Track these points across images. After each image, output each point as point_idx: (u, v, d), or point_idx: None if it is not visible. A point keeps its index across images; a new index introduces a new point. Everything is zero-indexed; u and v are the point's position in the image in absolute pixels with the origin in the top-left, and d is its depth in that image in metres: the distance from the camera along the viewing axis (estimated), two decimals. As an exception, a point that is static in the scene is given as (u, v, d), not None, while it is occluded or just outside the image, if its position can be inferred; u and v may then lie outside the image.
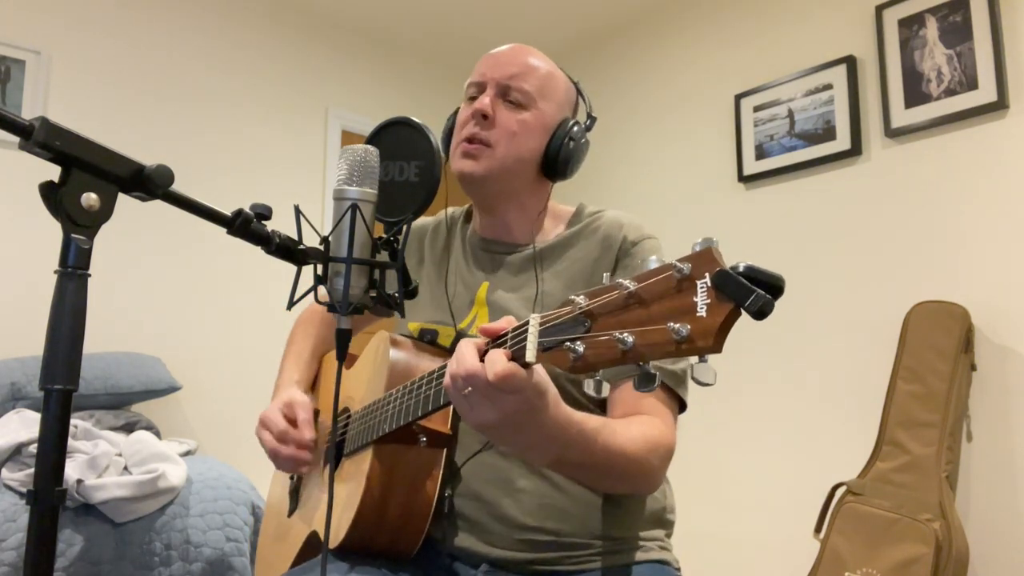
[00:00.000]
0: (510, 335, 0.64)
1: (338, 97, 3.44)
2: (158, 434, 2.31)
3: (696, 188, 3.01)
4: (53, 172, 0.63)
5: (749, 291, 0.45)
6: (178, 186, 0.67)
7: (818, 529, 2.15)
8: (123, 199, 0.65)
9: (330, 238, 0.74)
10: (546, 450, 0.73)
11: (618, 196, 3.30)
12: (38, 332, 0.69)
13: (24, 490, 1.69)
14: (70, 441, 1.63)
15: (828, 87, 2.57)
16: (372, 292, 0.75)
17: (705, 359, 0.50)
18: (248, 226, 0.71)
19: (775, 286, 0.46)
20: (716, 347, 0.48)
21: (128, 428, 2.27)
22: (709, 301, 0.48)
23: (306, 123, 3.32)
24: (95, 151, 0.62)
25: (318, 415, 1.16)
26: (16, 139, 0.59)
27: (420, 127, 0.84)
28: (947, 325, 2.11)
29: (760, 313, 0.45)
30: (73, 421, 1.85)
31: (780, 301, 0.46)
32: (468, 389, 0.64)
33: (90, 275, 0.62)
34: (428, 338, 1.02)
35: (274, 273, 2.86)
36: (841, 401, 2.42)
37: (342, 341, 0.74)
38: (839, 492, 2.15)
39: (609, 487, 0.92)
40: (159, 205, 0.70)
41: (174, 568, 1.76)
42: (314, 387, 1.23)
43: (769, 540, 2.54)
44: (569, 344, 0.57)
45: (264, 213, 0.73)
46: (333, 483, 0.71)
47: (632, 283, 0.53)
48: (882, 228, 2.39)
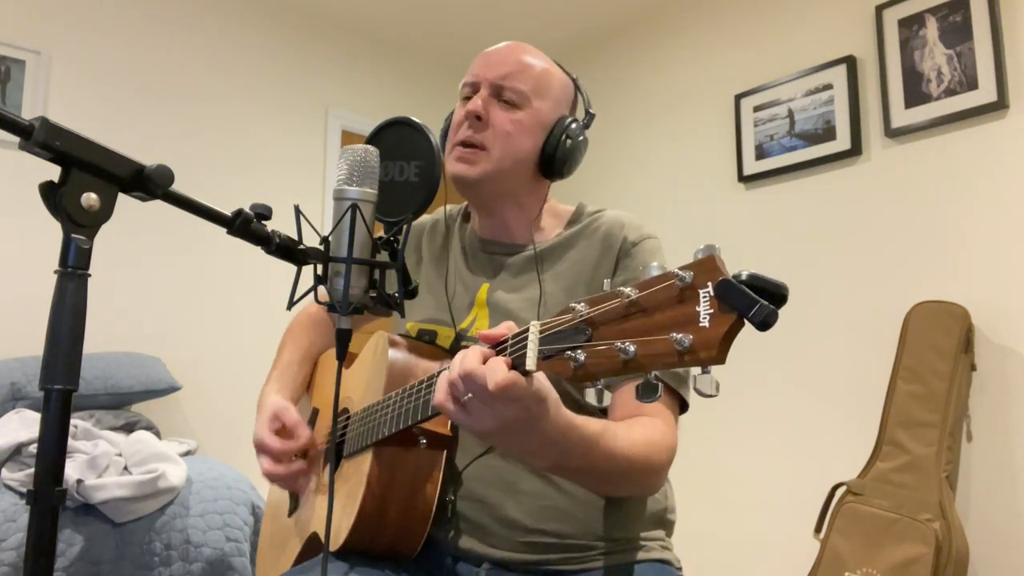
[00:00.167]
0: (510, 342, 0.63)
1: (338, 97, 3.44)
2: (158, 434, 2.31)
3: (696, 188, 3.01)
4: (53, 172, 0.63)
5: (752, 302, 0.45)
6: (178, 186, 0.67)
7: (818, 529, 2.15)
8: (123, 199, 0.65)
9: (330, 238, 0.74)
10: (546, 455, 0.73)
11: (618, 196, 3.30)
12: (38, 332, 0.69)
13: (24, 490, 1.69)
14: (70, 441, 1.63)
15: (828, 87, 2.57)
16: (372, 292, 0.75)
17: (708, 370, 0.49)
18: (248, 226, 0.71)
19: (778, 295, 0.46)
20: (720, 358, 0.47)
21: (128, 428, 2.27)
22: (712, 311, 0.47)
23: (306, 123, 3.32)
24: (95, 151, 0.62)
25: (317, 415, 1.16)
26: (16, 139, 0.59)
27: (420, 127, 0.84)
28: (947, 325, 2.11)
29: (764, 324, 0.44)
30: (73, 421, 1.85)
31: (780, 310, 0.46)
32: (468, 396, 0.63)
33: (90, 275, 0.62)
34: (427, 339, 1.01)
35: (274, 273, 2.86)
36: (841, 401, 2.42)
37: (342, 341, 0.74)
38: (839, 492, 2.15)
39: (612, 490, 0.91)
40: (159, 205, 0.70)
41: (174, 568, 1.76)
42: (310, 387, 1.23)
43: (769, 540, 2.54)
44: (570, 352, 0.56)
45: (264, 213, 0.73)
46: (333, 484, 0.71)
47: (633, 291, 0.53)
48: (882, 228, 2.39)
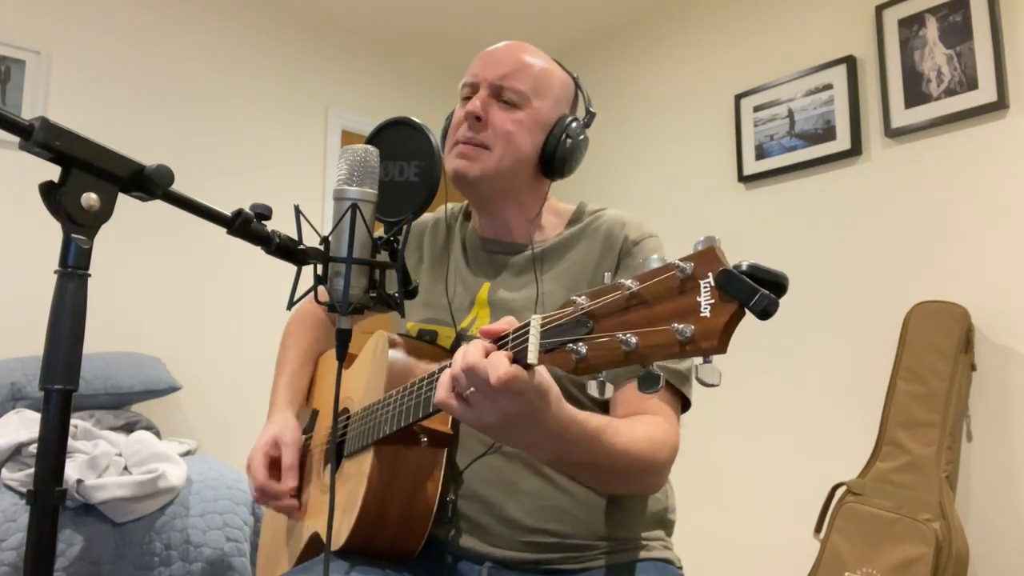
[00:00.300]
0: (511, 336, 0.63)
1: (338, 97, 3.44)
2: (158, 434, 2.31)
3: (696, 188, 3.01)
4: (53, 172, 0.63)
5: (753, 291, 0.45)
6: (178, 186, 0.67)
7: (818, 529, 2.15)
8: (123, 199, 0.65)
9: (330, 238, 0.74)
10: (547, 448, 0.73)
11: (618, 196, 3.30)
12: (38, 332, 0.69)
13: (24, 490, 1.69)
14: (70, 441, 1.63)
15: (828, 87, 2.57)
16: (372, 292, 0.75)
17: (710, 360, 0.50)
18: (248, 226, 0.71)
19: (779, 284, 0.46)
20: (721, 348, 0.47)
21: (128, 428, 2.27)
22: (713, 301, 0.47)
23: (306, 123, 3.32)
24: (95, 151, 0.62)
25: (317, 415, 1.16)
26: (16, 139, 0.59)
27: (420, 127, 0.84)
28: (947, 325, 2.11)
29: (765, 313, 0.45)
30: (73, 421, 1.85)
31: (780, 300, 0.46)
32: (471, 390, 0.63)
33: (90, 275, 0.62)
34: (428, 339, 1.01)
35: (274, 273, 2.86)
36: (841, 401, 2.42)
37: (342, 341, 0.74)
38: (839, 492, 2.15)
39: (614, 487, 0.91)
40: (159, 205, 0.70)
41: (174, 568, 1.76)
42: (311, 387, 1.23)
43: (769, 540, 2.54)
44: (571, 345, 0.56)
45: (264, 213, 0.73)
46: (334, 484, 0.71)
47: (634, 283, 0.53)
48: (882, 228, 2.39)
